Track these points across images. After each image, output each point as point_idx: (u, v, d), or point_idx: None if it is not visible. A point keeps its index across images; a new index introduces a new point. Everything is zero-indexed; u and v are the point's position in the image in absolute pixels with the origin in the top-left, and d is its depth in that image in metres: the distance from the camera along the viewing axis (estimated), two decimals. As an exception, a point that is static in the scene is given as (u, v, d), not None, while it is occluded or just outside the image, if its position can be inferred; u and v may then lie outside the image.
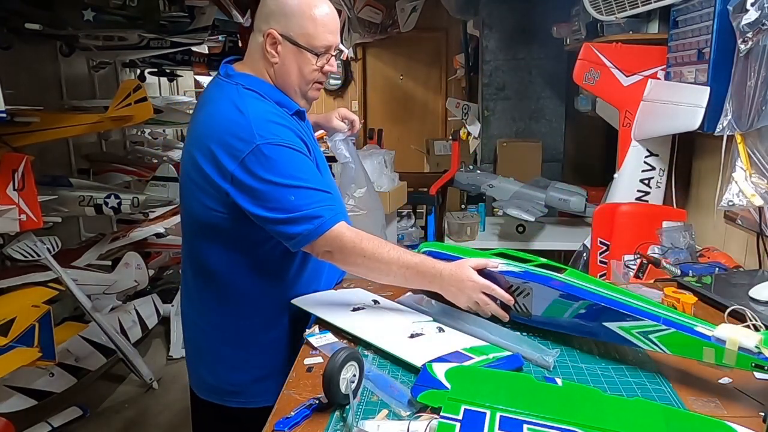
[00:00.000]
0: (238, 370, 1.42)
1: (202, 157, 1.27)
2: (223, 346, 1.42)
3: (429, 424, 0.85)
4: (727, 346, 0.97)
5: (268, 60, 1.32)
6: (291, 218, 1.22)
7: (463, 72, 5.75)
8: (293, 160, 1.25)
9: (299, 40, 1.29)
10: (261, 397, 1.40)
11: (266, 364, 1.42)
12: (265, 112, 1.28)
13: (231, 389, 1.44)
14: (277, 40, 1.29)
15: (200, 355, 1.49)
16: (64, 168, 3.84)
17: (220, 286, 1.38)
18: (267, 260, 1.36)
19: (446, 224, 3.16)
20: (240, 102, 1.27)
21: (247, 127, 1.23)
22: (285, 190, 1.22)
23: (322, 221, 1.23)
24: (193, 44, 4.03)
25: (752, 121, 1.65)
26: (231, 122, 1.25)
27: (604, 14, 2.31)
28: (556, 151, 4.16)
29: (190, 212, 1.37)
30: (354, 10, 5.63)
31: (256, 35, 1.33)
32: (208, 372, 1.46)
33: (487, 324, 1.28)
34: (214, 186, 1.26)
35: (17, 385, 2.50)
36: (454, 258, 1.37)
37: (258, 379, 1.42)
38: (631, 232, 2.12)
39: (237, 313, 1.40)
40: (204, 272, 1.40)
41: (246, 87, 1.31)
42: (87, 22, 2.90)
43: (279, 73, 1.34)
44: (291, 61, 1.32)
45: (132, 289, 3.33)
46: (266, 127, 1.24)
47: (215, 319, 1.42)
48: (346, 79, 7.45)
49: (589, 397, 0.90)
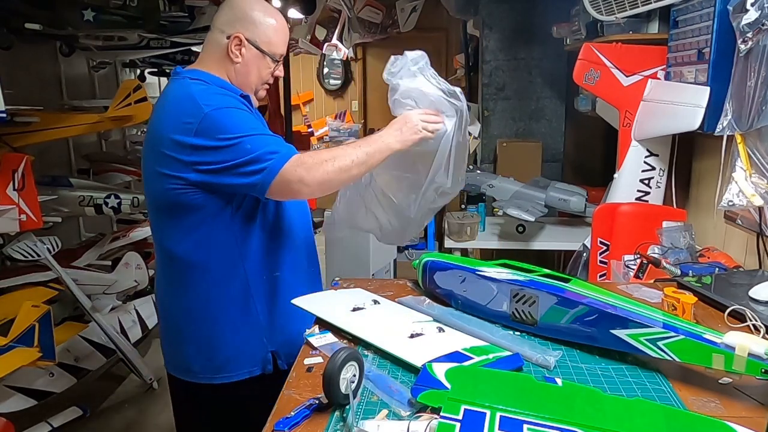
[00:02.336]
0: (212, 345, 1.47)
1: (161, 146, 1.36)
2: (194, 327, 1.47)
3: (429, 424, 0.85)
4: (736, 352, 0.97)
5: (230, 59, 1.44)
6: (252, 159, 1.31)
7: (463, 72, 5.75)
8: (241, 118, 1.36)
9: (263, 46, 1.45)
10: (237, 371, 1.47)
11: (239, 336, 1.47)
12: (208, 89, 1.40)
13: (206, 365, 1.48)
14: (243, 43, 1.43)
15: (173, 335, 1.54)
16: (64, 168, 3.83)
17: (183, 268, 1.45)
18: (227, 236, 1.42)
19: (446, 224, 3.16)
20: (186, 89, 1.39)
21: (194, 102, 1.34)
22: (240, 140, 1.32)
23: (281, 154, 1.32)
24: (193, 44, 4.02)
25: (752, 121, 1.65)
26: (179, 106, 1.37)
27: (604, 14, 2.31)
28: (556, 151, 4.16)
29: (153, 197, 1.46)
30: (354, 10, 5.64)
31: (217, 35, 1.45)
32: (181, 351, 1.51)
33: (487, 324, 1.29)
34: (176, 165, 1.34)
35: (17, 385, 2.50)
36: (455, 267, 1.37)
37: (233, 353, 1.47)
38: (631, 232, 2.12)
39: (204, 295, 1.45)
40: (169, 256, 1.47)
41: (192, 78, 1.42)
42: (87, 22, 2.89)
43: (239, 72, 1.46)
44: (252, 64, 1.46)
45: (132, 289, 3.32)
46: (211, 98, 1.36)
47: (184, 302, 1.47)
48: (346, 79, 7.45)
49: (589, 397, 0.90)
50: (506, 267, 1.34)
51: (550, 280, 1.24)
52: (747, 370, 0.97)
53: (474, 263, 1.38)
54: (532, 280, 1.25)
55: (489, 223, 3.30)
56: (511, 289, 1.26)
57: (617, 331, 1.11)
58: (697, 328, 1.04)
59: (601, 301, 1.15)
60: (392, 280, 2.08)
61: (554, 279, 1.25)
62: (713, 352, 1.00)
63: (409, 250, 4.62)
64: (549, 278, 1.26)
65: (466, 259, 1.43)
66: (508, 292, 1.27)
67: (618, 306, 1.13)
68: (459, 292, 1.37)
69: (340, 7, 5.69)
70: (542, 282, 1.24)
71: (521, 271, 1.30)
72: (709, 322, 1.31)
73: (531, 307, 1.24)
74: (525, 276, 1.27)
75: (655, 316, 1.09)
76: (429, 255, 1.49)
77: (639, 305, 1.14)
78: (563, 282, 1.23)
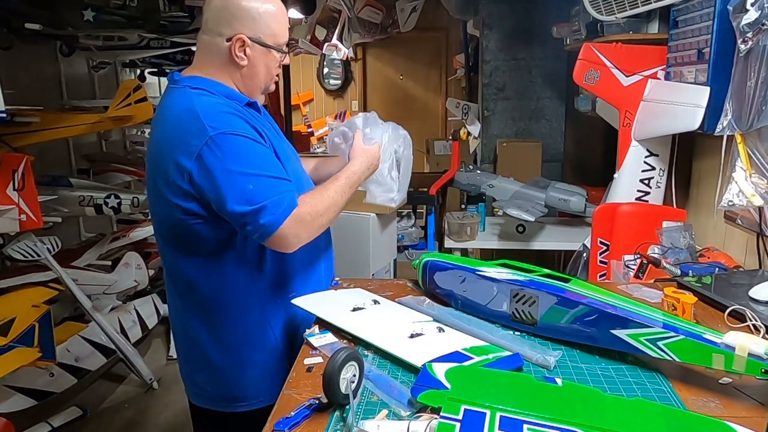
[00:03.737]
0: (230, 376, 1.42)
1: (164, 166, 1.27)
2: (212, 356, 1.41)
3: (429, 424, 0.85)
4: (736, 352, 0.97)
5: (235, 63, 1.33)
6: (253, 210, 1.22)
7: (463, 72, 5.75)
8: (248, 149, 1.26)
9: (267, 40, 1.34)
10: (257, 399, 1.41)
11: (258, 367, 1.42)
12: (214, 105, 1.28)
13: (225, 395, 1.44)
14: (246, 43, 1.31)
15: (191, 363, 1.49)
16: (64, 168, 3.83)
17: (198, 298, 1.38)
18: (241, 263, 1.36)
19: (446, 224, 3.16)
20: (189, 102, 1.28)
21: (198, 122, 1.23)
22: (242, 178, 1.22)
23: (283, 208, 1.23)
24: (193, 44, 4.02)
25: (752, 121, 1.65)
26: (183, 123, 1.26)
27: (604, 14, 2.31)
28: (556, 151, 4.16)
29: (160, 222, 1.37)
30: (354, 10, 5.64)
31: (216, 40, 1.32)
32: (201, 380, 1.46)
33: (487, 324, 1.29)
34: (179, 192, 1.26)
35: (17, 385, 2.50)
36: (455, 267, 1.37)
37: (251, 383, 1.42)
38: (631, 232, 2.12)
39: (220, 323, 1.39)
40: (182, 284, 1.40)
41: (193, 87, 1.31)
42: (87, 22, 2.90)
43: (247, 75, 1.36)
44: (259, 62, 1.36)
45: (132, 289, 3.33)
46: (217, 118, 1.25)
47: (200, 329, 1.41)
48: (346, 79, 7.45)
49: (589, 397, 0.90)
50: (506, 267, 1.34)
51: (550, 280, 1.24)
52: (747, 370, 0.97)
53: (474, 263, 1.38)
54: (532, 280, 1.25)
55: (489, 223, 3.30)
56: (511, 289, 1.26)
57: (617, 331, 1.11)
58: (697, 328, 1.04)
59: (601, 301, 1.15)
60: (392, 280, 2.08)
61: (554, 279, 1.25)
62: (713, 352, 1.00)
63: (409, 250, 4.62)
64: (549, 278, 1.26)
65: (466, 259, 1.43)
66: (508, 292, 1.27)
67: (618, 306, 1.13)
68: (459, 292, 1.37)
69: (340, 7, 5.69)
70: (542, 282, 1.24)
71: (521, 271, 1.30)
72: (709, 322, 1.31)
73: (531, 307, 1.24)
74: (525, 276, 1.27)
75: (655, 316, 1.09)
76: (429, 255, 1.48)
77: (639, 305, 1.14)
78: (563, 282, 1.23)
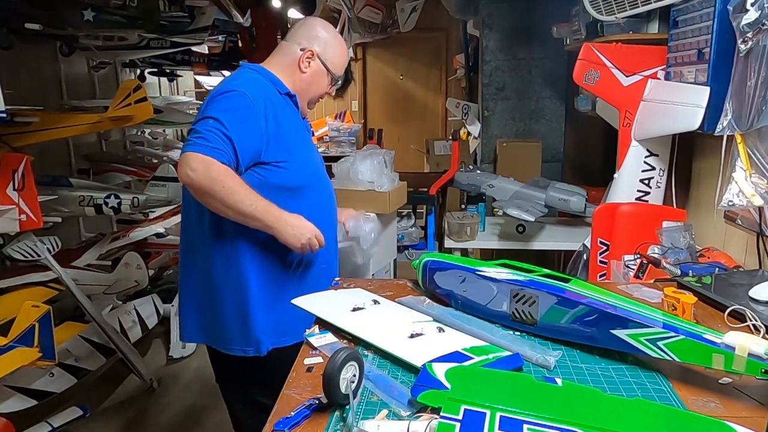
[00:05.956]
0: (270, 311, 1.62)
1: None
2: (251, 297, 1.60)
3: (429, 424, 0.85)
4: (736, 352, 0.97)
5: (299, 67, 1.67)
6: (194, 130, 1.47)
7: (463, 72, 5.75)
8: (233, 105, 1.49)
9: (329, 65, 1.70)
10: (289, 335, 1.59)
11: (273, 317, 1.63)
12: (252, 79, 1.59)
13: (263, 333, 1.62)
14: (314, 57, 1.67)
15: (226, 313, 1.64)
16: (64, 168, 3.83)
17: (236, 243, 1.58)
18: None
19: (446, 224, 3.16)
20: (238, 72, 1.64)
21: (228, 83, 1.56)
22: (216, 113, 1.47)
23: (206, 148, 1.42)
24: (193, 44, 4.02)
25: (752, 121, 1.65)
26: (222, 84, 1.58)
27: (604, 14, 2.31)
28: (556, 151, 4.16)
29: None
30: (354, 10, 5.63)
31: (292, 45, 1.68)
32: (235, 326, 1.63)
33: (487, 324, 1.28)
34: None
35: (17, 385, 2.50)
36: (455, 267, 1.37)
37: (289, 317, 1.56)
38: (631, 232, 2.12)
39: (263, 264, 1.61)
40: (217, 231, 1.59)
41: (251, 68, 1.65)
42: (87, 22, 2.89)
43: (302, 80, 1.68)
44: (316, 76, 1.70)
45: (132, 289, 3.32)
46: (242, 84, 1.54)
47: (238, 274, 1.60)
48: (346, 79, 7.43)
49: (589, 397, 0.90)
50: (506, 267, 1.34)
51: (550, 280, 1.24)
52: (747, 370, 0.97)
53: (474, 263, 1.38)
54: (532, 280, 1.25)
55: (489, 223, 3.30)
56: (511, 289, 1.26)
57: (617, 331, 1.11)
58: (697, 328, 1.04)
59: (601, 301, 1.15)
60: (392, 280, 2.08)
61: (554, 279, 1.25)
62: (713, 352, 1.00)
63: (409, 250, 4.62)
64: (549, 278, 1.26)
65: (466, 259, 1.43)
66: (508, 292, 1.27)
67: (618, 306, 1.13)
68: (459, 292, 1.37)
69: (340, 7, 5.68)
70: (542, 282, 1.24)
71: (521, 271, 1.30)
72: (709, 322, 1.31)
73: (531, 307, 1.24)
74: (525, 276, 1.27)
75: (655, 316, 1.09)
76: (429, 255, 1.49)
77: (639, 305, 1.14)
78: (563, 282, 1.23)
